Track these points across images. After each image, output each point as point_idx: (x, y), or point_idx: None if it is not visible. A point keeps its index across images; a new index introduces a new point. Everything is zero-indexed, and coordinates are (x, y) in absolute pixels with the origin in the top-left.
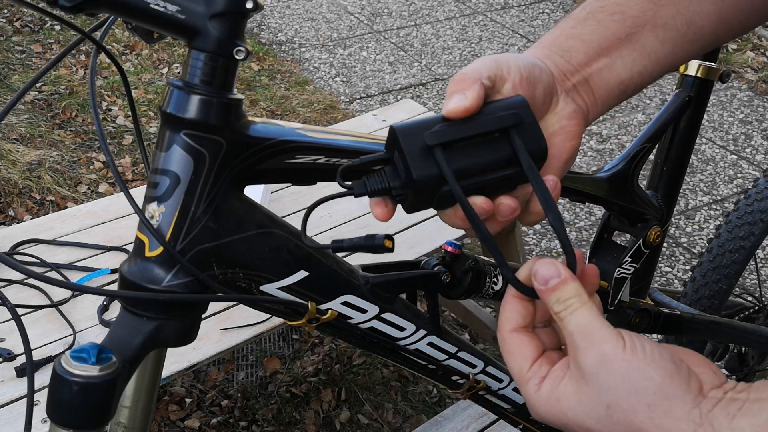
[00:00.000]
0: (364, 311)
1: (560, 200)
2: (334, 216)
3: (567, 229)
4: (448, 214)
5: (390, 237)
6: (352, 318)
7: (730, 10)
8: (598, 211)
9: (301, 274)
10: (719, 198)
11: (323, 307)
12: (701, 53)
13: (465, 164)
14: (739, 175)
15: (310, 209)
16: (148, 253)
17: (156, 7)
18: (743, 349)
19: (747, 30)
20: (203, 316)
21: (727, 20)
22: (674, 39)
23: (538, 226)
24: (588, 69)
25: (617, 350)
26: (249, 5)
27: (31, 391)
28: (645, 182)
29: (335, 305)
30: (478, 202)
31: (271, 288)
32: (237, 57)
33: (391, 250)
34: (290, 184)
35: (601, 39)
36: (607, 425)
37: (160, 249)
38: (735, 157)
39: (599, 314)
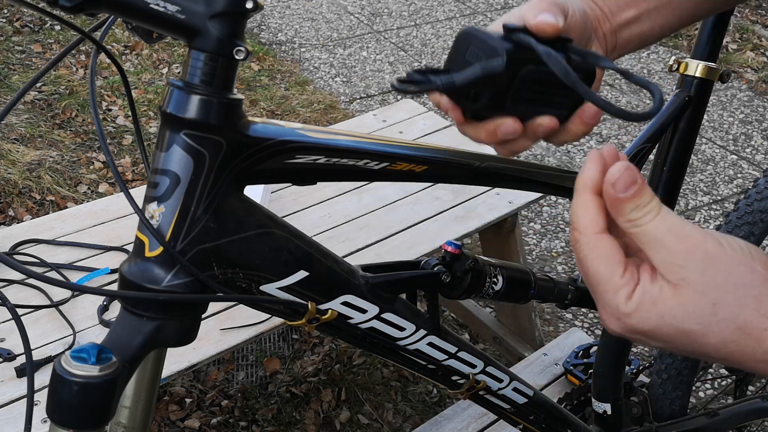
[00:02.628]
0: (364, 311)
1: (560, 200)
2: (334, 216)
3: (567, 229)
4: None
5: None
6: (352, 318)
7: None
8: None
9: (301, 274)
10: (719, 198)
11: (323, 307)
12: (720, 9)
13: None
14: (739, 175)
15: None
16: (148, 253)
17: (156, 7)
18: None
19: None
20: (203, 316)
21: None
22: None
23: (538, 226)
24: (617, 19)
25: (718, 248)
26: (249, 5)
27: (31, 391)
28: None
29: (335, 305)
30: (508, 122)
31: (271, 288)
32: (237, 57)
33: None
34: (290, 184)
35: None
36: (711, 324)
37: (160, 249)
38: (735, 157)
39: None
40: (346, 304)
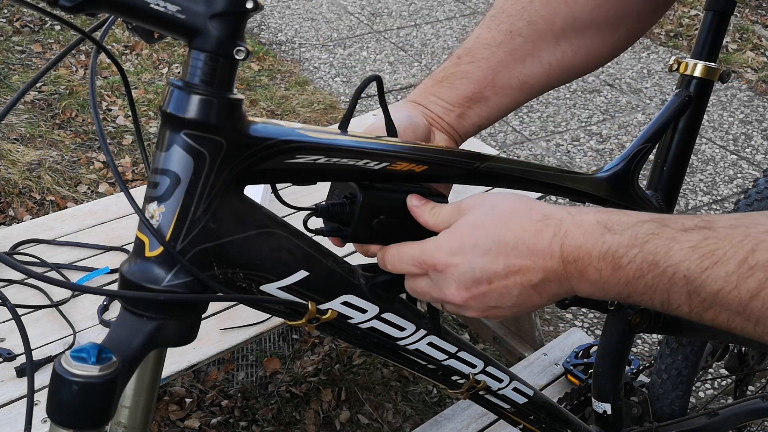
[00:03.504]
0: (364, 311)
1: (560, 200)
2: None
3: None
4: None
5: None
6: (352, 318)
7: (556, 72)
8: None
9: (301, 274)
10: (719, 198)
11: (323, 307)
12: (538, 95)
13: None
14: (739, 175)
15: None
16: (148, 253)
17: (156, 7)
18: (743, 348)
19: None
20: (203, 316)
21: (554, 79)
22: (511, 94)
23: None
24: (448, 118)
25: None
26: (249, 5)
27: (31, 390)
28: (645, 182)
29: (335, 305)
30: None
31: (271, 288)
32: (237, 57)
33: None
34: (290, 184)
35: (453, 97)
36: (489, 214)
37: (160, 249)
38: (735, 157)
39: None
40: (346, 304)
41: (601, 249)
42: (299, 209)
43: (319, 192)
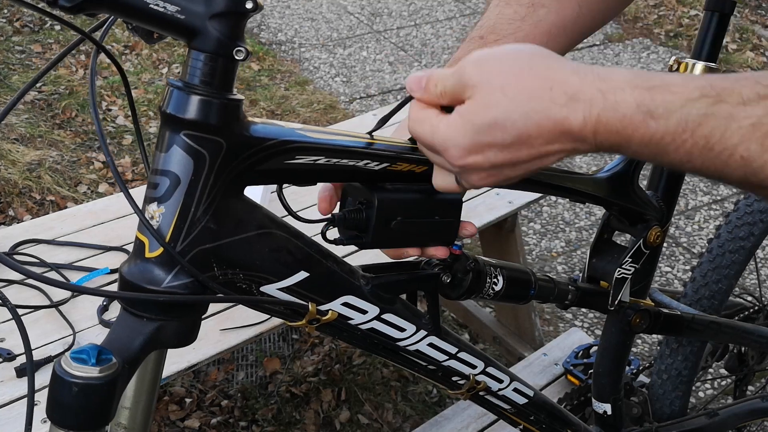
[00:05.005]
0: (364, 312)
1: (560, 200)
2: None
3: (567, 229)
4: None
5: None
6: (352, 319)
7: (577, 37)
8: (598, 211)
9: (302, 275)
10: (719, 198)
11: (324, 308)
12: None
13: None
14: None
15: None
16: (148, 254)
17: (156, 8)
18: (743, 348)
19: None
20: (203, 316)
21: (575, 42)
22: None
23: (537, 226)
24: None
25: (484, 51)
26: (249, 5)
27: (32, 391)
28: (645, 182)
29: (335, 306)
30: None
31: (271, 289)
32: (237, 57)
33: None
34: (290, 184)
35: None
36: (507, 105)
37: (160, 250)
38: None
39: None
40: (346, 304)
41: (643, 137)
42: (314, 221)
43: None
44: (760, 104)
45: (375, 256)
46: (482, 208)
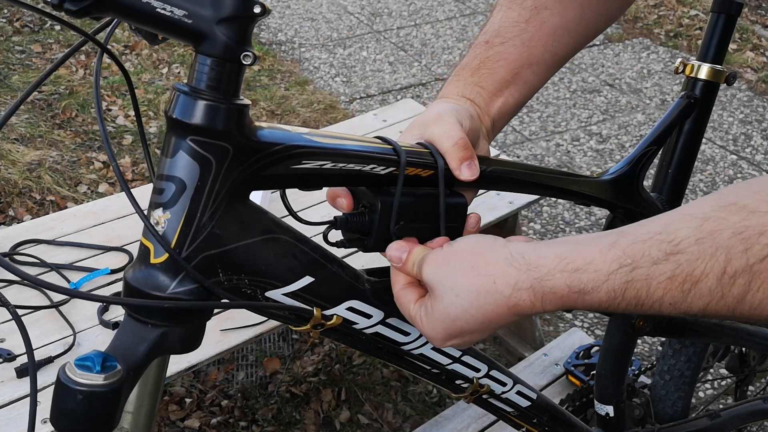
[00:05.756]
0: (369, 316)
1: (560, 200)
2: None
3: (567, 229)
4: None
5: None
6: (357, 323)
7: (582, 39)
8: (599, 211)
9: (307, 280)
10: None
11: (328, 312)
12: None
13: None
14: (739, 175)
15: None
16: (153, 260)
17: (163, 12)
18: (744, 349)
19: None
20: None
21: (580, 45)
22: (545, 70)
23: (537, 226)
24: (491, 109)
25: (446, 251)
26: (257, 10)
27: (34, 391)
28: (649, 183)
29: (340, 311)
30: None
31: (276, 294)
32: (244, 62)
33: None
34: (297, 189)
35: (493, 83)
36: (462, 304)
37: (165, 256)
38: (735, 157)
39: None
40: (351, 309)
41: (583, 306)
42: (316, 224)
43: (320, 194)
44: (670, 260)
45: (376, 257)
46: (483, 208)
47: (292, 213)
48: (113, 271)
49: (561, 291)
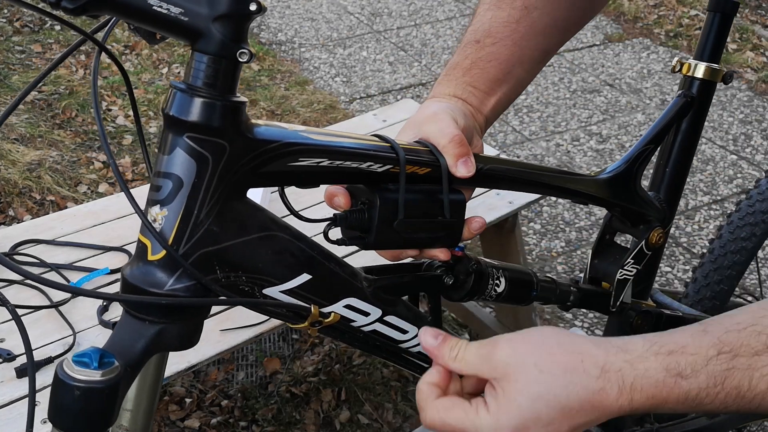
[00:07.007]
0: (366, 314)
1: (560, 200)
2: None
3: (567, 229)
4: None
5: None
6: (354, 321)
7: (570, 34)
8: (598, 211)
9: (304, 277)
10: (719, 198)
11: (326, 310)
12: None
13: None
14: (739, 175)
15: None
16: (150, 257)
17: (159, 9)
18: None
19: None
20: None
21: (567, 39)
22: (535, 66)
23: (537, 226)
24: (485, 108)
25: (510, 346)
26: (252, 7)
27: (33, 391)
28: (647, 183)
29: (338, 308)
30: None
31: (274, 291)
32: (240, 59)
33: None
34: (293, 186)
35: (484, 82)
36: (546, 380)
37: (163, 253)
38: (735, 157)
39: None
40: (348, 307)
41: (678, 396)
42: (316, 221)
43: (319, 192)
44: None
45: (377, 257)
46: (482, 208)
47: (292, 211)
48: (113, 271)
49: (657, 374)
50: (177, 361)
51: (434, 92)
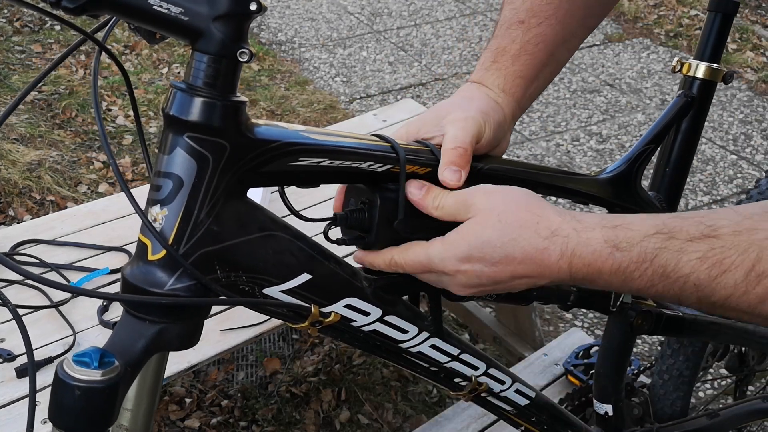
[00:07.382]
0: (366, 314)
1: (562, 201)
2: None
3: None
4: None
5: None
6: (354, 321)
7: (607, 10)
8: (599, 211)
9: (304, 277)
10: (719, 198)
11: (326, 310)
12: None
13: None
14: (739, 175)
15: None
16: (150, 257)
17: (159, 9)
18: (743, 348)
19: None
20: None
21: (606, 12)
22: (577, 45)
23: None
24: (524, 98)
25: (492, 187)
26: (253, 7)
27: (33, 391)
28: (647, 183)
29: (338, 308)
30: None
31: (274, 291)
32: (241, 59)
33: None
34: (293, 186)
35: (532, 69)
36: (501, 229)
37: (163, 252)
38: (735, 157)
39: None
40: (348, 306)
41: (611, 266)
42: (316, 221)
43: (319, 192)
44: (704, 241)
45: None
46: None
47: (292, 210)
48: (113, 271)
49: (596, 244)
50: (177, 361)
51: (482, 77)
